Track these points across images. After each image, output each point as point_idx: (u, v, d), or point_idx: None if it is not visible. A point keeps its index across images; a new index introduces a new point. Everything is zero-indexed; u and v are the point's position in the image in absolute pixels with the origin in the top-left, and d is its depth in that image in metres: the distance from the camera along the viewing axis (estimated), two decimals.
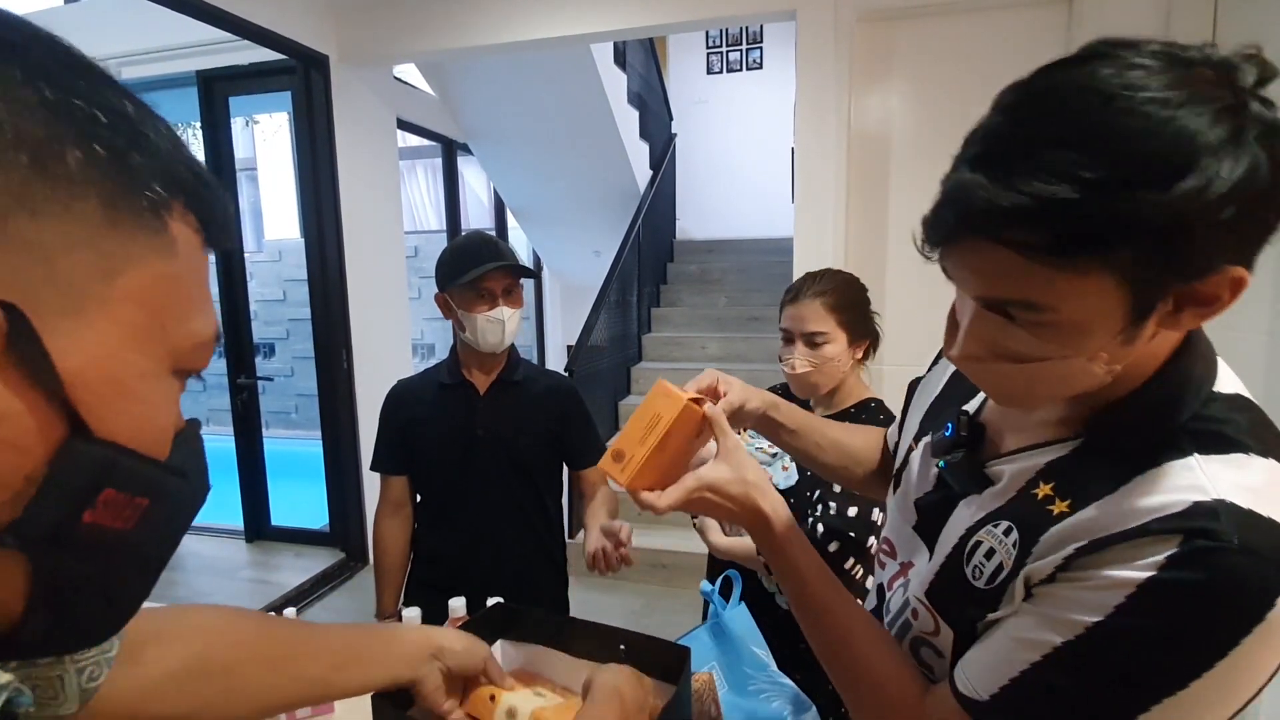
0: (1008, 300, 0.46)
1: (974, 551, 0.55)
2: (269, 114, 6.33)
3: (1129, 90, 0.40)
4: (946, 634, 0.57)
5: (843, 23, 2.58)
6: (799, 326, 1.20)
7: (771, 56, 6.53)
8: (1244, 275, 0.42)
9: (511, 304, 1.37)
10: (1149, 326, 0.45)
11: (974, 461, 0.59)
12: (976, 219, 0.43)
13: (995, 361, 0.50)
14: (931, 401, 0.72)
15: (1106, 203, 0.39)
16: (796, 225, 2.74)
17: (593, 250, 5.76)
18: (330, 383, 3.34)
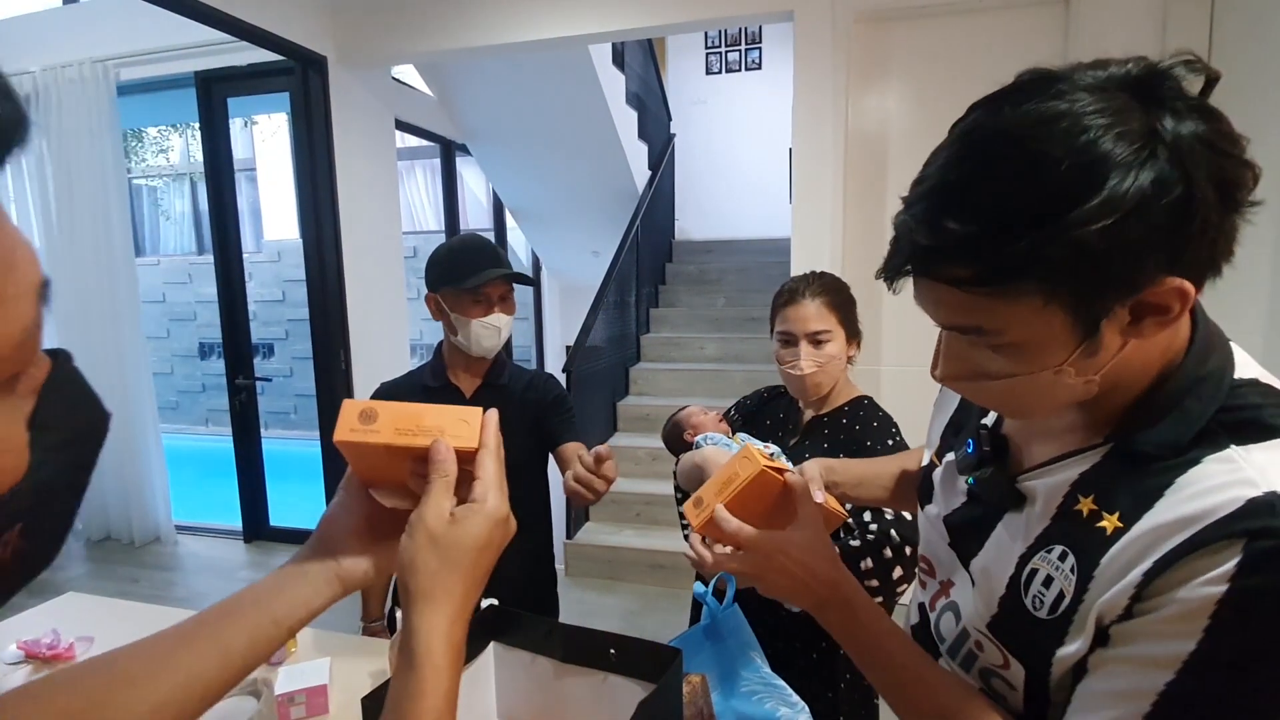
0: (961, 327, 0.49)
1: (1031, 580, 0.53)
2: (268, 114, 6.34)
3: (1038, 128, 0.42)
4: (1017, 669, 0.54)
5: (840, 23, 2.58)
6: (802, 327, 1.21)
7: (770, 57, 6.53)
8: (1184, 286, 0.43)
9: (507, 310, 1.37)
10: (1109, 339, 0.46)
11: (1004, 477, 0.57)
12: (913, 259, 0.47)
13: (974, 380, 0.52)
14: (952, 413, 0.70)
15: (1011, 237, 0.42)
16: (794, 225, 2.74)
17: (591, 251, 5.76)
18: (328, 383, 3.34)
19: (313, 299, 3.30)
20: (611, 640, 0.77)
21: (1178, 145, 0.41)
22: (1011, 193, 0.43)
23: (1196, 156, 0.41)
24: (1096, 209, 0.40)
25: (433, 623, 0.46)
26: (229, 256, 3.52)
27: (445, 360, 1.44)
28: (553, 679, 0.81)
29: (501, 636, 0.85)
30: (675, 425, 1.38)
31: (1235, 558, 0.41)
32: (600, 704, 0.79)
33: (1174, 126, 0.41)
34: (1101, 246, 0.41)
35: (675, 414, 1.41)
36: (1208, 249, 0.43)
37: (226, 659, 0.48)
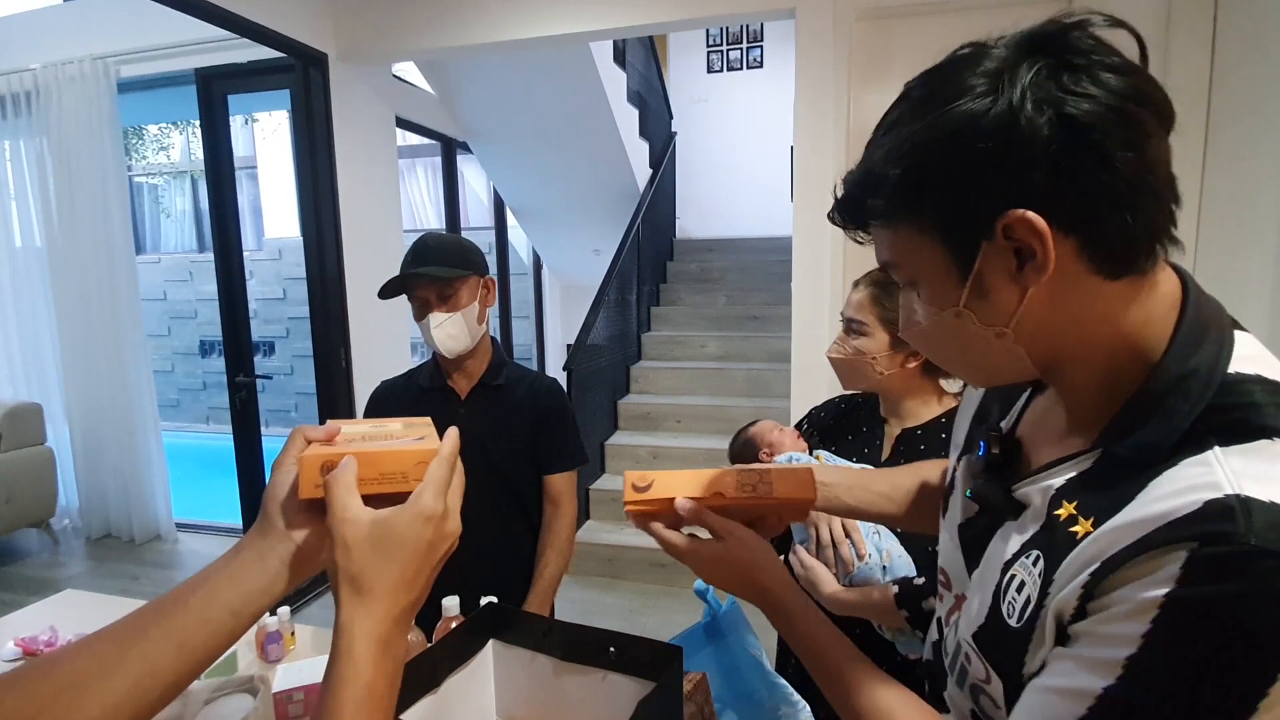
0: (882, 265, 0.55)
1: (1008, 587, 0.51)
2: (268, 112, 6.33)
3: (930, 75, 0.50)
4: (996, 683, 0.51)
5: (842, 21, 2.57)
6: (846, 311, 1.15)
7: (772, 55, 6.51)
8: (1029, 218, 0.43)
9: (446, 308, 1.33)
10: (999, 285, 0.47)
11: (999, 485, 0.55)
12: (839, 205, 0.55)
13: (914, 327, 0.55)
14: (971, 417, 0.68)
15: (870, 167, 0.50)
16: (795, 224, 2.73)
17: (592, 249, 5.76)
18: (328, 381, 3.33)
19: (313, 297, 3.29)
20: (611, 638, 0.76)
21: (1019, 82, 0.44)
22: (897, 135, 0.48)
23: (1037, 92, 0.43)
24: (924, 129, 0.46)
25: (355, 613, 0.45)
26: (229, 254, 3.51)
27: (440, 361, 1.44)
28: (552, 677, 0.81)
29: (500, 634, 0.84)
30: (748, 443, 1.28)
31: (1179, 562, 0.39)
32: (600, 702, 0.78)
33: (1029, 69, 0.44)
34: (935, 167, 0.46)
35: (745, 429, 1.30)
36: (1066, 191, 0.43)
37: (182, 655, 0.46)
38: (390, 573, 0.47)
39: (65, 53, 3.40)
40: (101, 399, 3.65)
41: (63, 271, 3.58)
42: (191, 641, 0.46)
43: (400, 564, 0.47)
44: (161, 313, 7.37)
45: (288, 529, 0.51)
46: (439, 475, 0.50)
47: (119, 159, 3.53)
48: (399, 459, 0.51)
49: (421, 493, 0.49)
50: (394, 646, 0.47)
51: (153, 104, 4.36)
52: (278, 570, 0.50)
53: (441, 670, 0.77)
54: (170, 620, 0.46)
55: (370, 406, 1.48)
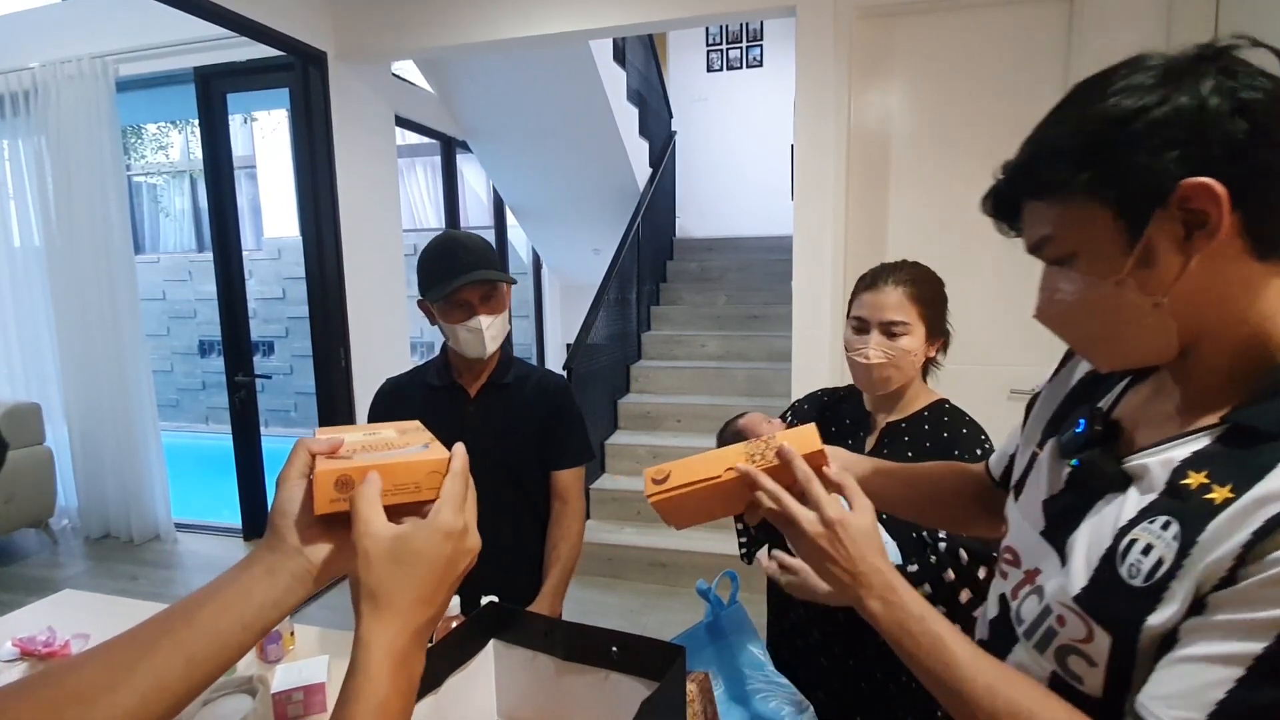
0: (1037, 243, 0.57)
1: (1129, 550, 0.53)
2: (267, 111, 6.33)
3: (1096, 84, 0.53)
4: (1102, 640, 0.54)
5: (842, 19, 2.56)
6: (877, 315, 1.13)
7: (772, 54, 6.51)
8: (1209, 184, 0.47)
9: (490, 310, 1.32)
10: (1165, 251, 0.50)
11: (1111, 457, 0.58)
12: (1006, 181, 0.58)
13: (1058, 307, 0.57)
14: (1058, 405, 0.71)
15: (1062, 148, 0.53)
16: (796, 222, 2.72)
17: (592, 248, 5.75)
18: (328, 381, 3.33)
19: (312, 296, 3.29)
20: (614, 638, 0.76)
21: (1201, 74, 0.49)
22: (1067, 118, 0.54)
23: (1219, 82, 0.49)
24: (1111, 106, 0.50)
25: (374, 628, 0.46)
26: (228, 254, 3.51)
27: (450, 359, 1.42)
28: (554, 677, 0.80)
29: (501, 634, 0.84)
30: (737, 434, 1.28)
31: None
32: (602, 703, 0.78)
33: (1207, 66, 0.50)
34: (1119, 139, 0.50)
35: (735, 420, 1.30)
36: (1240, 168, 0.48)
37: (191, 669, 0.46)
38: (409, 588, 0.47)
39: (64, 51, 3.39)
40: (100, 399, 3.64)
41: (61, 271, 3.57)
42: (201, 655, 0.46)
43: (418, 579, 0.48)
44: (161, 312, 7.36)
45: (300, 544, 0.51)
46: (455, 491, 0.51)
47: (118, 158, 3.52)
48: (411, 470, 0.51)
49: (440, 508, 0.50)
50: (410, 662, 0.47)
51: (151, 103, 4.36)
52: (288, 585, 0.50)
53: (442, 670, 0.77)
54: (179, 633, 0.46)
55: (376, 404, 1.46)
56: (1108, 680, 0.53)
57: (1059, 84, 2.43)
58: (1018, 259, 0.65)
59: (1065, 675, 0.57)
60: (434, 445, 0.55)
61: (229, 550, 3.71)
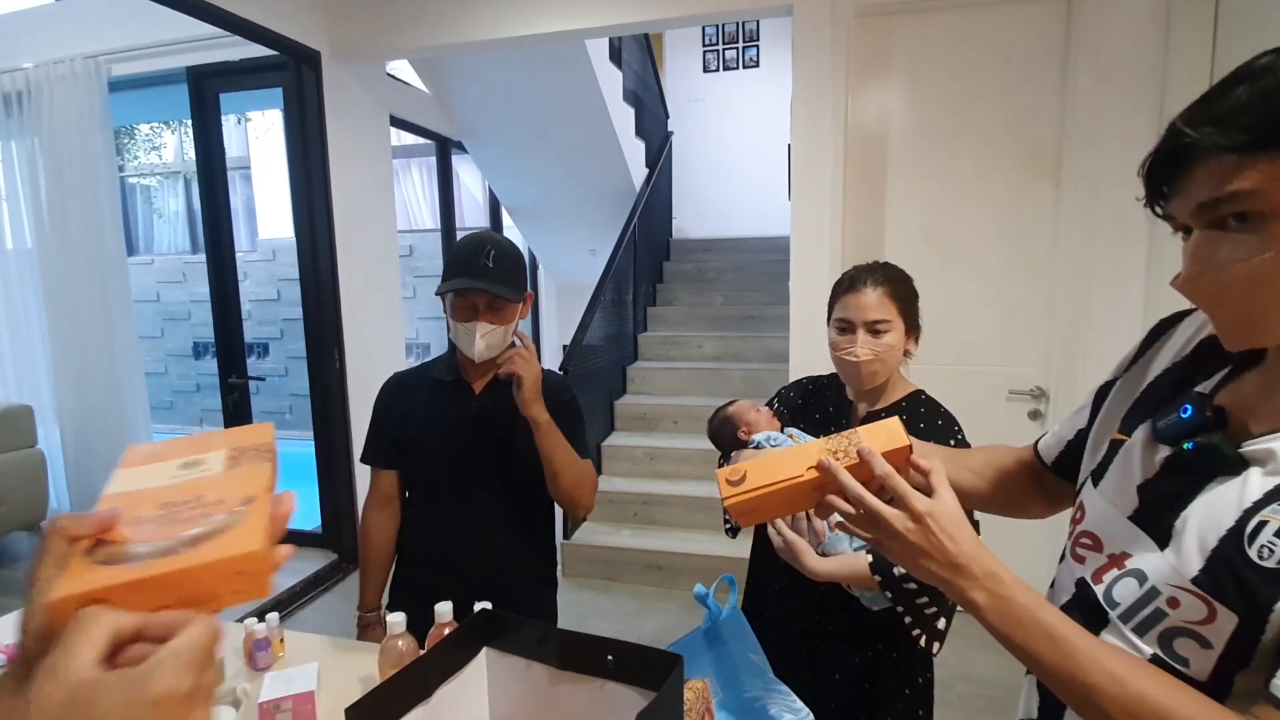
0: (1222, 198, 0.53)
1: (1259, 531, 0.53)
2: (261, 111, 6.29)
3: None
4: (1226, 621, 0.54)
5: (840, 18, 2.55)
6: (861, 315, 1.19)
7: (768, 55, 6.50)
8: None
9: (493, 320, 1.31)
10: None
11: (1228, 441, 0.58)
12: (1193, 134, 0.53)
13: (1217, 273, 0.55)
14: (1140, 394, 0.71)
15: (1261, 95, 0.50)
16: (793, 222, 2.71)
17: (588, 249, 5.73)
18: (322, 383, 3.30)
19: (306, 298, 3.26)
20: (609, 646, 0.74)
21: None
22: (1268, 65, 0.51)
23: None
24: None
25: None
26: (222, 255, 3.48)
27: (458, 355, 1.42)
28: (548, 686, 0.78)
29: (494, 642, 0.82)
30: (726, 421, 1.33)
31: None
32: (597, 712, 0.76)
33: None
34: None
35: (723, 409, 1.36)
36: None
37: None
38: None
39: (56, 51, 3.36)
40: (93, 401, 3.61)
41: (54, 273, 3.54)
42: None
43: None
44: (155, 314, 7.31)
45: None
46: (192, 644, 0.35)
47: (110, 159, 3.49)
48: (205, 574, 0.36)
49: (161, 662, 0.34)
50: None
51: (144, 103, 4.32)
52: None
53: (433, 679, 0.75)
54: None
55: (382, 398, 1.46)
56: (1220, 663, 0.54)
57: (1055, 83, 2.42)
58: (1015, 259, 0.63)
59: (1168, 658, 0.57)
60: (259, 504, 0.40)
61: None
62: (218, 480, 0.42)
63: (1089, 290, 2.44)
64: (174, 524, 0.38)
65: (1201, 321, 0.71)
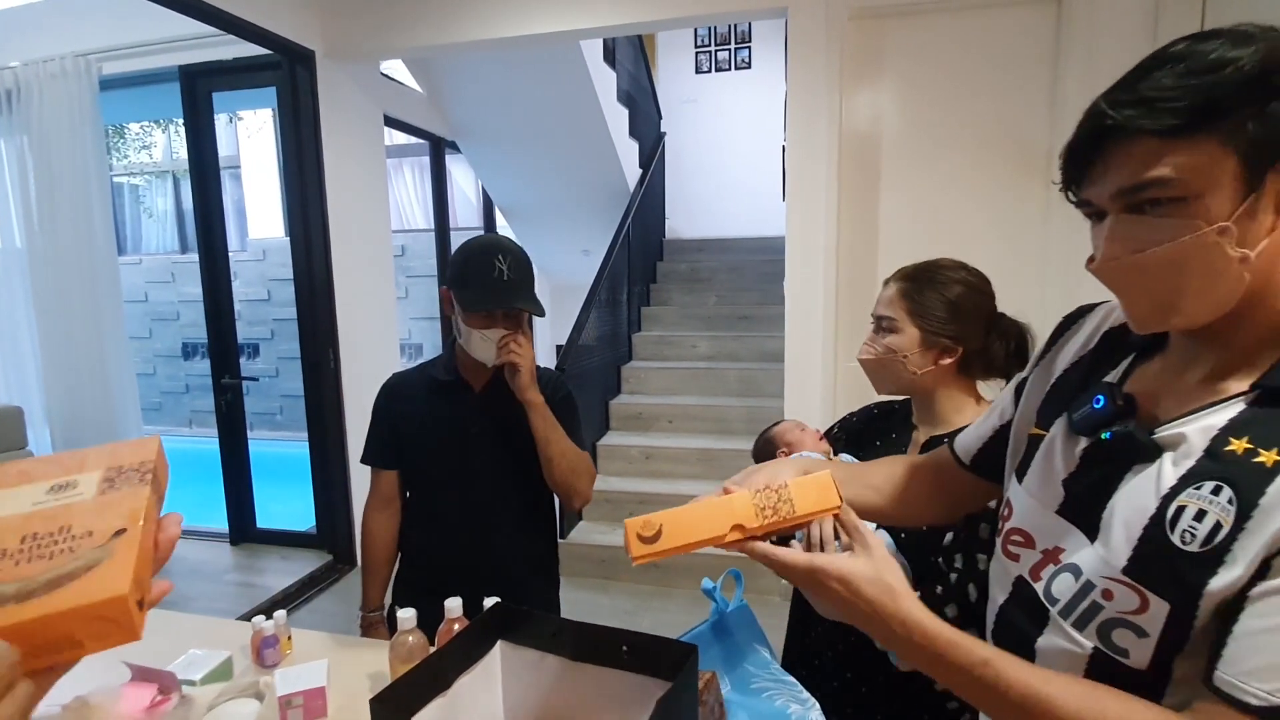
0: (1144, 183, 0.53)
1: (1179, 517, 0.54)
2: (253, 110, 6.26)
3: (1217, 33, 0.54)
4: (1159, 609, 0.54)
5: (834, 20, 2.58)
6: (875, 310, 1.10)
7: (760, 56, 6.54)
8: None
9: (509, 327, 1.32)
10: (1266, 210, 0.52)
11: (1141, 429, 0.59)
12: (1116, 117, 0.54)
13: (1134, 255, 0.55)
14: (1050, 387, 0.72)
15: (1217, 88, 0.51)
16: (788, 223, 2.73)
17: (582, 249, 5.74)
18: (317, 383, 3.29)
19: (300, 298, 3.25)
20: (624, 636, 0.75)
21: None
22: (1220, 54, 0.51)
23: None
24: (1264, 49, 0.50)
25: None
26: (215, 255, 3.46)
27: (458, 355, 1.42)
28: (562, 677, 0.79)
29: (508, 635, 0.83)
30: (768, 442, 1.28)
31: None
32: (611, 702, 0.77)
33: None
34: (1266, 90, 0.50)
35: (767, 430, 1.30)
36: None
37: None
38: None
39: (46, 50, 3.33)
40: (83, 402, 3.58)
41: (43, 272, 3.51)
42: None
43: None
44: (143, 315, 7.25)
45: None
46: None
47: (101, 158, 3.46)
48: (62, 622, 0.32)
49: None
50: None
51: (135, 102, 4.29)
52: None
53: (451, 672, 0.76)
54: None
55: (381, 398, 1.47)
56: (1157, 651, 0.54)
57: (1047, 85, 2.46)
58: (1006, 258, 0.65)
59: (1109, 650, 0.57)
60: (128, 537, 0.36)
61: (216, 555, 3.66)
62: (88, 507, 0.37)
63: (1078, 289, 2.47)
64: (36, 560, 0.34)
65: (1105, 314, 0.72)
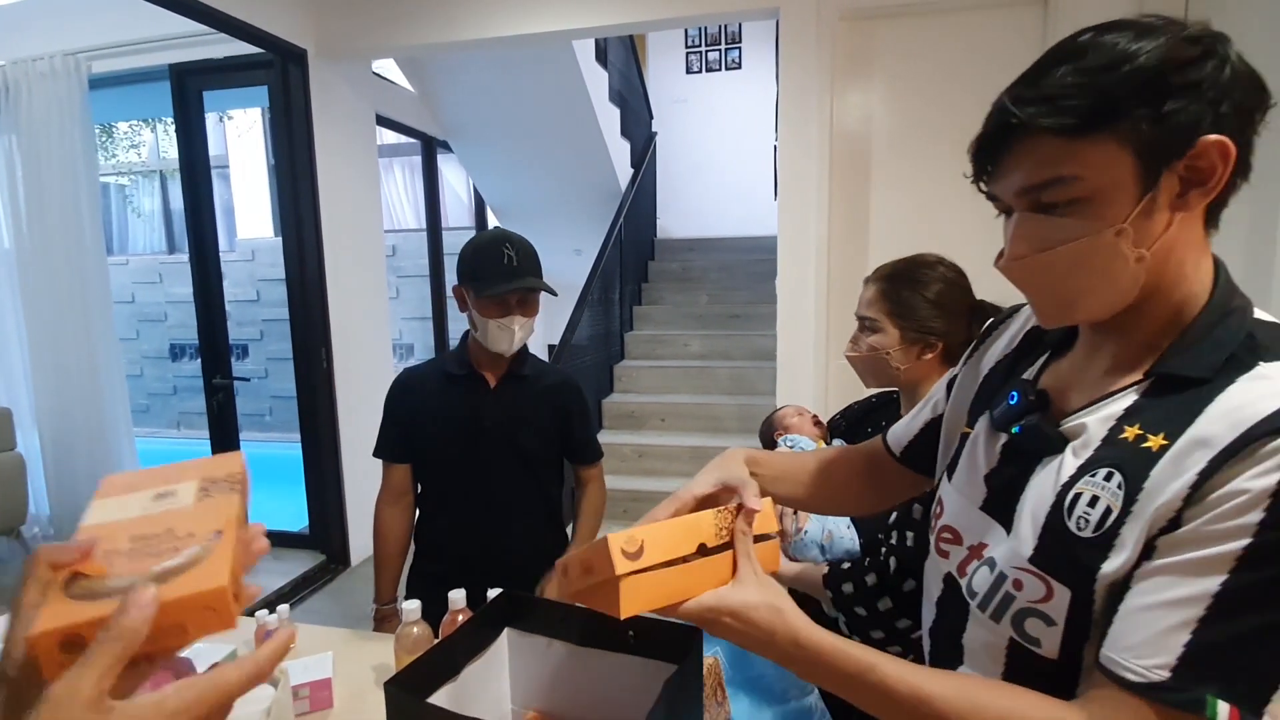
0: (1044, 182, 0.54)
1: (1075, 504, 0.55)
2: (243, 110, 6.22)
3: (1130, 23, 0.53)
4: (1062, 596, 0.54)
5: (825, 21, 2.61)
6: (857, 310, 1.15)
7: (750, 56, 6.57)
8: (1222, 139, 0.50)
9: (526, 313, 1.38)
10: (1162, 207, 0.52)
11: (1048, 421, 0.60)
12: (1018, 115, 0.54)
13: (1037, 255, 0.56)
14: (979, 386, 0.73)
15: (1112, 86, 0.51)
16: (780, 222, 2.76)
17: (574, 249, 5.75)
18: (309, 382, 3.29)
19: (293, 297, 3.24)
20: (629, 622, 0.77)
21: (1225, 49, 0.51)
22: (1117, 52, 0.51)
23: (1234, 64, 0.51)
24: (1162, 49, 0.50)
25: None
26: (205, 255, 3.44)
27: (470, 350, 1.45)
28: (568, 662, 0.81)
29: (516, 622, 0.85)
30: (769, 424, 1.37)
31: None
32: (617, 686, 0.79)
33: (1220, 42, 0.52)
34: (1163, 84, 0.50)
35: (771, 414, 1.40)
36: (1237, 131, 0.51)
37: None
38: None
39: (35, 48, 3.30)
40: (72, 403, 3.55)
41: (32, 273, 3.48)
42: None
43: None
44: (130, 315, 7.18)
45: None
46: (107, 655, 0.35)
47: (90, 158, 3.43)
48: (174, 610, 0.36)
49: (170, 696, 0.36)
50: None
51: (125, 101, 4.25)
52: None
53: (460, 658, 0.78)
54: None
55: (393, 394, 1.49)
56: (1065, 638, 0.55)
57: None
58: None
59: (1023, 640, 0.57)
60: (225, 537, 0.41)
61: None
62: (188, 513, 0.42)
63: None
64: (146, 558, 0.39)
65: (1029, 313, 0.72)
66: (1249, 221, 1.88)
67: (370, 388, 3.55)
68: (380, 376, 3.69)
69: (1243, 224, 1.90)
